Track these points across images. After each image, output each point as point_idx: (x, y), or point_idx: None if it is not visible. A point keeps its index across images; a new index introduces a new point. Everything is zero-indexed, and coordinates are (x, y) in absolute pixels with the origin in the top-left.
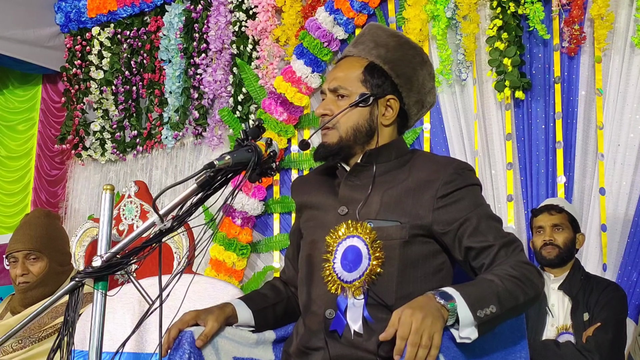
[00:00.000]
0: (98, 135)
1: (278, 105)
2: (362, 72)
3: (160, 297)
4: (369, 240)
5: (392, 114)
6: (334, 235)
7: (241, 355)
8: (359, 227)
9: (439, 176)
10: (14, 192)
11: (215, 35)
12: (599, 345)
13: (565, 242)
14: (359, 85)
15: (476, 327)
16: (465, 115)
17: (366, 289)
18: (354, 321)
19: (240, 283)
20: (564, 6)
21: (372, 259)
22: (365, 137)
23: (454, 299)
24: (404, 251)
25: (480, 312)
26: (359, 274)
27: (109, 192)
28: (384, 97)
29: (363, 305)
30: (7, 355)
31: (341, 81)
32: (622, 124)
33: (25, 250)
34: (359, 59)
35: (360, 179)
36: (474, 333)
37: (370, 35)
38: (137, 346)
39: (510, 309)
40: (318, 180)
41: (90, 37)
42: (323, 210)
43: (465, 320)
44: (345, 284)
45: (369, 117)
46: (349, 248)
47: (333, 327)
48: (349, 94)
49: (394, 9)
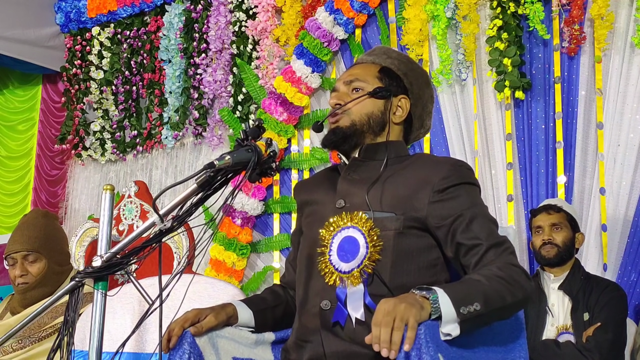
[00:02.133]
0: (98, 135)
1: (278, 105)
2: (378, 70)
3: (160, 297)
4: (366, 229)
5: (403, 113)
6: (329, 228)
7: (241, 356)
8: (355, 218)
9: (437, 172)
10: (14, 192)
11: (215, 35)
12: (599, 345)
13: (564, 241)
14: (375, 81)
15: (459, 324)
16: (465, 115)
17: (365, 277)
18: (355, 309)
19: (240, 283)
20: (564, 6)
21: (370, 246)
22: (378, 127)
23: (436, 292)
24: (397, 242)
25: (463, 309)
26: (357, 263)
27: (109, 192)
28: (397, 96)
29: (364, 292)
30: (7, 355)
31: (358, 75)
32: (622, 124)
33: (24, 251)
34: (374, 64)
35: (358, 174)
36: (455, 330)
37: (381, 50)
38: (137, 346)
39: (497, 309)
40: (321, 179)
41: (90, 37)
42: (322, 205)
43: (448, 316)
44: (343, 275)
45: (383, 110)
46: (345, 239)
47: (335, 318)
48: (365, 87)
49: (394, 9)
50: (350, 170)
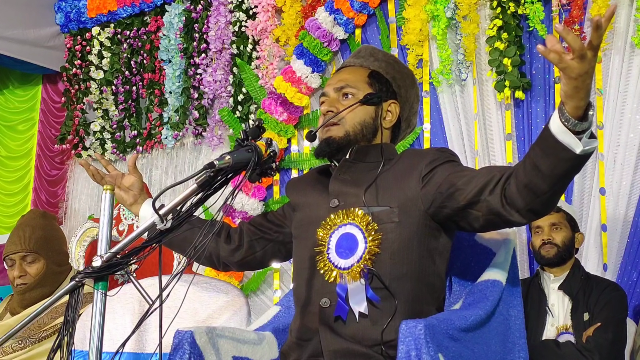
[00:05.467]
0: (98, 135)
1: (278, 105)
2: (367, 75)
3: (160, 297)
4: (363, 224)
5: (392, 118)
6: (325, 227)
7: (241, 355)
8: (351, 215)
9: (422, 159)
10: (14, 192)
11: (215, 35)
12: (599, 346)
13: (563, 241)
14: (365, 86)
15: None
16: (465, 115)
17: (366, 271)
18: (358, 303)
19: (240, 283)
20: (564, 6)
21: (369, 241)
22: (370, 134)
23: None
24: (395, 234)
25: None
26: (357, 258)
27: (109, 192)
28: (387, 101)
29: (366, 286)
30: (7, 355)
31: (348, 81)
32: (622, 124)
33: (22, 251)
34: (362, 67)
35: (350, 174)
36: (592, 143)
37: (367, 51)
38: (137, 346)
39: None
40: (311, 181)
41: (90, 37)
42: (315, 207)
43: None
44: (343, 271)
45: (374, 116)
46: (343, 236)
47: (337, 313)
48: (355, 94)
49: (394, 9)
50: (341, 171)
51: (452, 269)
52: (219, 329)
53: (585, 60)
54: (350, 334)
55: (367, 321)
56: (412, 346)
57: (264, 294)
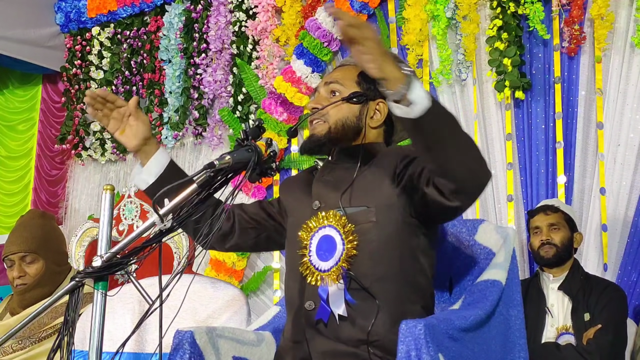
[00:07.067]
0: (98, 135)
1: (278, 105)
2: (357, 74)
3: (160, 297)
4: (341, 226)
5: (380, 117)
6: (307, 229)
7: (240, 355)
8: (329, 217)
9: (398, 156)
10: (14, 192)
11: (215, 35)
12: (600, 348)
13: (562, 241)
14: (353, 85)
15: (425, 110)
16: (465, 115)
17: (344, 273)
18: (337, 306)
19: (240, 283)
20: (564, 6)
21: (346, 242)
22: (353, 133)
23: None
24: (373, 234)
25: (435, 103)
26: (335, 261)
27: (109, 192)
28: (375, 100)
29: (344, 289)
30: (7, 355)
31: (337, 78)
32: (622, 124)
33: (21, 252)
34: (355, 66)
35: (332, 176)
36: (414, 108)
37: None
38: (137, 346)
39: (460, 137)
40: (299, 182)
41: (90, 37)
42: (300, 208)
43: (419, 98)
44: (323, 274)
45: (358, 115)
46: (323, 238)
47: (318, 316)
48: (342, 91)
49: (394, 9)
50: (324, 172)
51: (452, 269)
52: (219, 329)
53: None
54: (335, 335)
55: (347, 323)
56: (412, 346)
57: (264, 294)
